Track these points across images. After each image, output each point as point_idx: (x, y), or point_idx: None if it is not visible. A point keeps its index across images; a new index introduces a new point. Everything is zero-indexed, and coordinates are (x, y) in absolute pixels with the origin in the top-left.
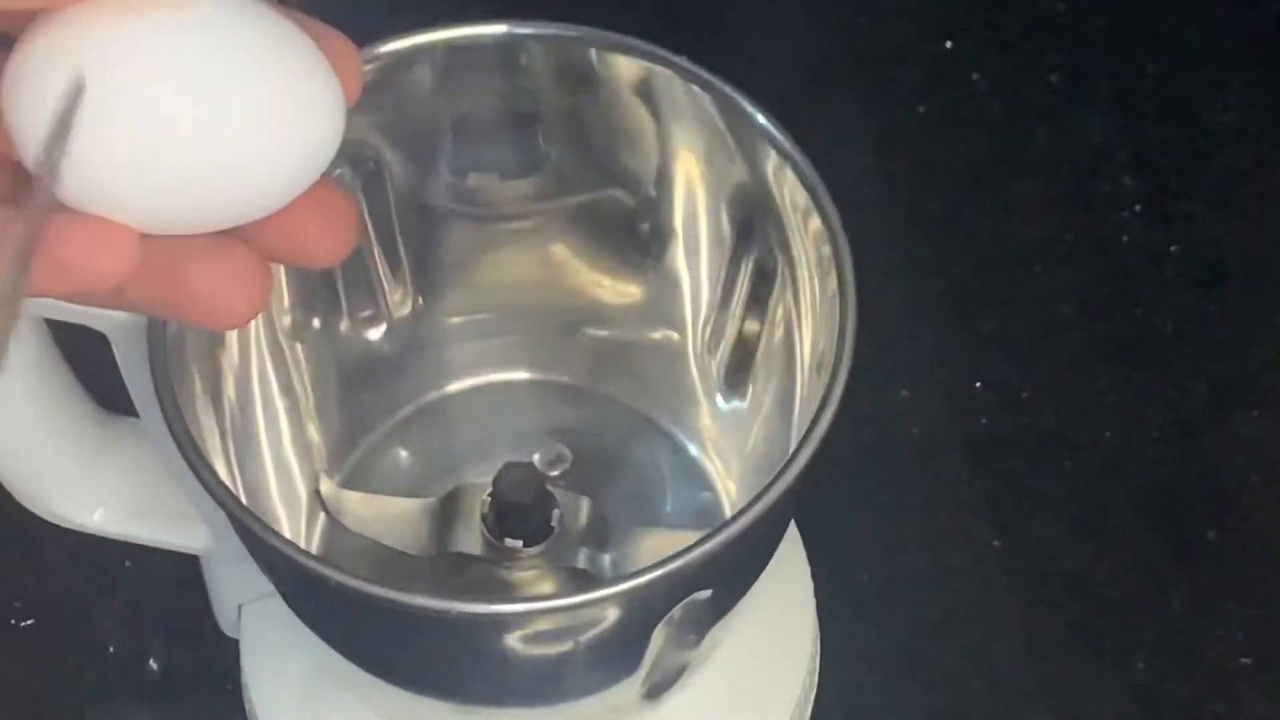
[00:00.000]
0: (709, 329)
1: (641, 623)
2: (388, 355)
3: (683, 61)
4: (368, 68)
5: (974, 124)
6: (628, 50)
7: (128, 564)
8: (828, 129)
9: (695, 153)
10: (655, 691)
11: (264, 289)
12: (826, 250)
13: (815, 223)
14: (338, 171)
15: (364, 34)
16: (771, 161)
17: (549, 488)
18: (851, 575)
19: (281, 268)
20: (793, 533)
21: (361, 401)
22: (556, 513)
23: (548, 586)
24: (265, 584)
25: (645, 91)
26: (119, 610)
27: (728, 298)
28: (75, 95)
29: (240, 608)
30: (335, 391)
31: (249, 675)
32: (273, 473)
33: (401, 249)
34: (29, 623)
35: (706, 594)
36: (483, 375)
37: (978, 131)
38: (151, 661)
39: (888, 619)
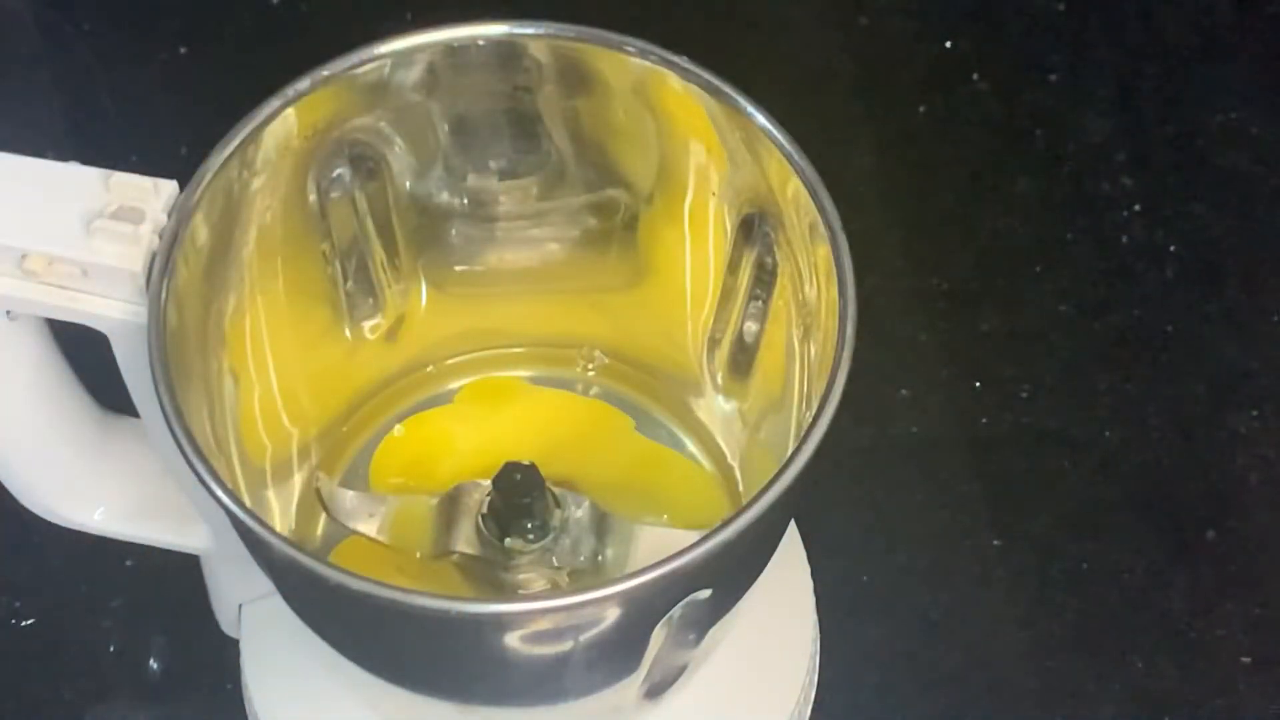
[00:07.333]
0: (709, 329)
1: (641, 622)
2: (388, 354)
3: (683, 61)
4: (368, 67)
5: (974, 124)
6: (628, 50)
7: (128, 564)
8: (828, 129)
9: (695, 153)
10: (655, 691)
11: None
12: (826, 250)
13: (815, 223)
14: (338, 171)
15: (364, 34)
16: (771, 161)
17: (549, 488)
18: (851, 575)
19: (279, 263)
20: (793, 533)
21: (361, 401)
22: (557, 513)
23: (547, 586)
24: (265, 584)
25: (645, 91)
26: (119, 610)
27: (728, 298)
28: None
29: (240, 608)
30: (335, 391)
31: (249, 675)
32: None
33: (401, 249)
34: (29, 623)
35: (706, 594)
36: (483, 375)
37: (978, 131)
38: (152, 661)
39: (888, 619)
